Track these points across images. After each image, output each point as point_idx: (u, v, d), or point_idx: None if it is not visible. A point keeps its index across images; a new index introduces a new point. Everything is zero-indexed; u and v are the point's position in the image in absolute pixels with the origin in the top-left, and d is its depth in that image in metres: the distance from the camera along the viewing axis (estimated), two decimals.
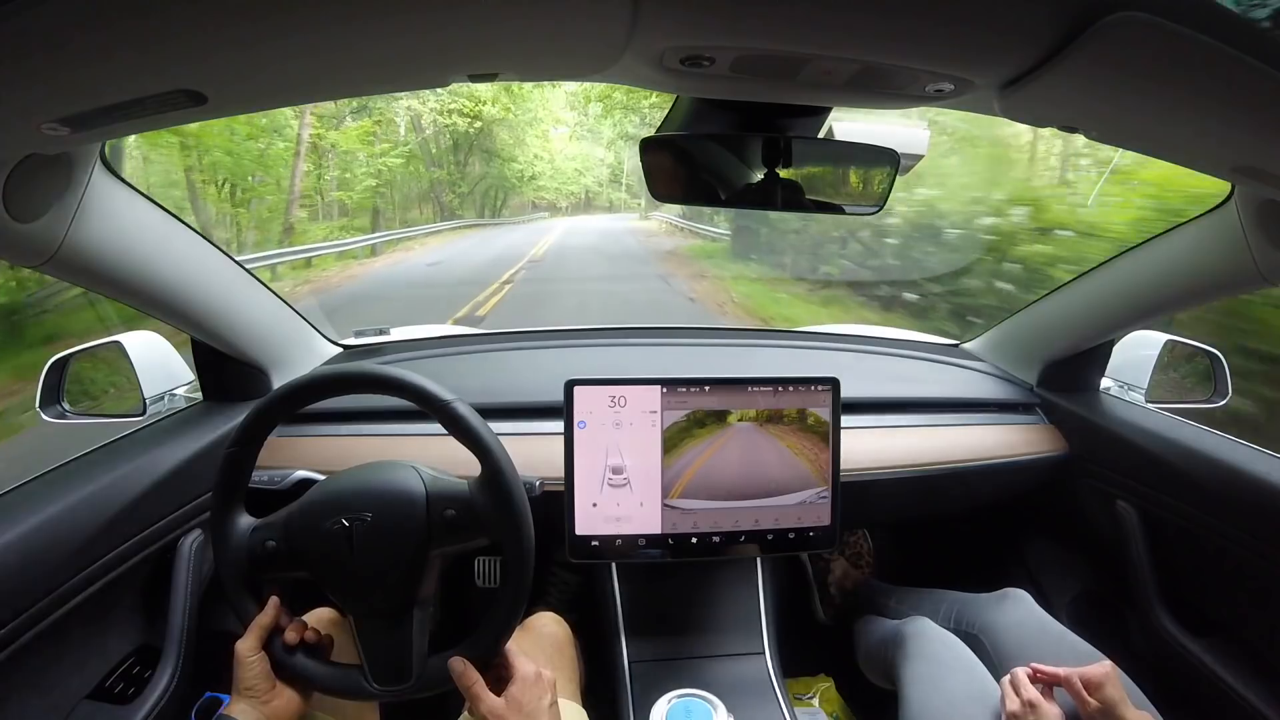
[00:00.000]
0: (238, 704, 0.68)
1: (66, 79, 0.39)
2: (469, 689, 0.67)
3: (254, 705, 0.68)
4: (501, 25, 0.40)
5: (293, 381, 0.72)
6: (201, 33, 0.35)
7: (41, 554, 0.71)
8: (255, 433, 0.72)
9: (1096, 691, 0.77)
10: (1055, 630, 0.94)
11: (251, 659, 0.69)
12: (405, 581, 0.70)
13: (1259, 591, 0.92)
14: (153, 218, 0.78)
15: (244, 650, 0.69)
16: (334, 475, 0.74)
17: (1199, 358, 1.21)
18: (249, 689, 0.69)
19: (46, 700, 0.74)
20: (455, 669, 0.68)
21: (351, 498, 0.69)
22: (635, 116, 16.21)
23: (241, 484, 0.73)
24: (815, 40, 0.44)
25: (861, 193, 0.80)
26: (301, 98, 0.52)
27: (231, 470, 0.72)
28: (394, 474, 0.71)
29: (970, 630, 1.00)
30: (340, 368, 0.75)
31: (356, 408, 1.06)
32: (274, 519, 0.72)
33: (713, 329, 1.58)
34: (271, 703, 0.69)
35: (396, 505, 0.69)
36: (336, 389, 0.72)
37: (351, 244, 11.13)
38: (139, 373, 0.99)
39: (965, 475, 1.14)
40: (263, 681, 0.69)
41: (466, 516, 0.69)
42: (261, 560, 0.71)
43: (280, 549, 0.71)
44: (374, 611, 0.71)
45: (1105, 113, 0.52)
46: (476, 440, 0.69)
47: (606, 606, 1.08)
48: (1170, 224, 0.93)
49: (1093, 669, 0.78)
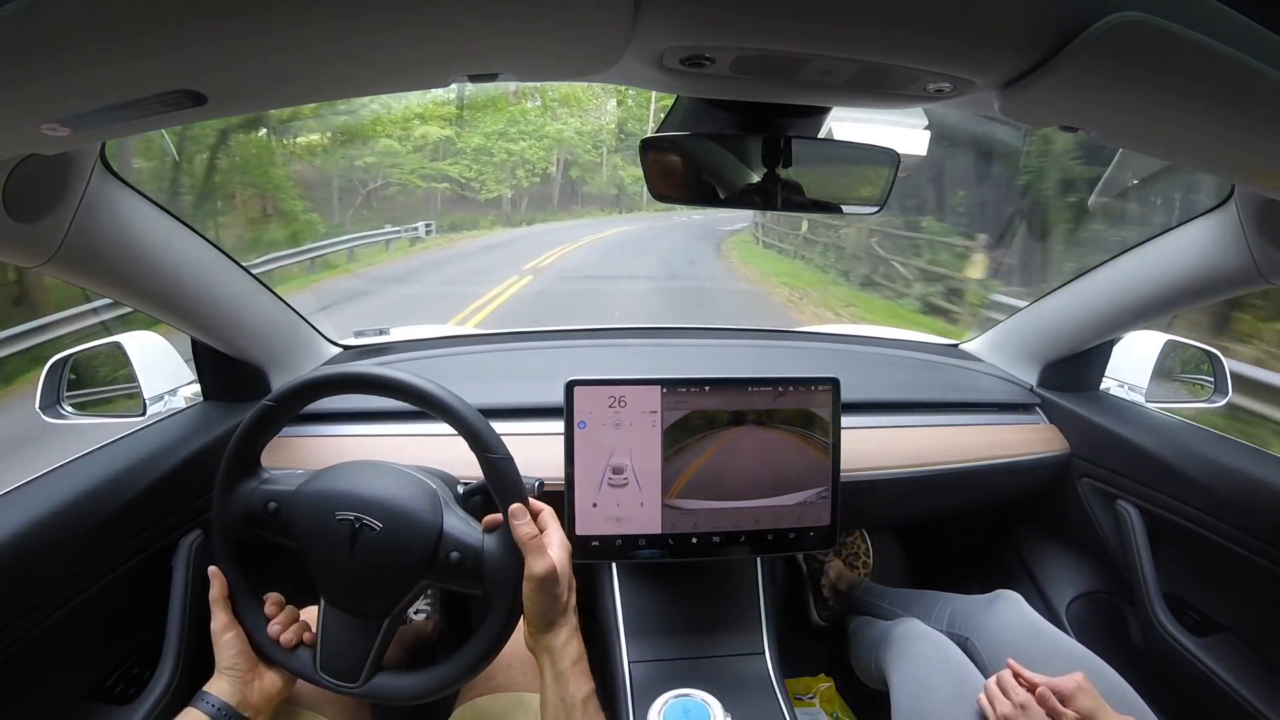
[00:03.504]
0: (218, 682, 0.68)
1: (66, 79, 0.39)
2: (525, 539, 0.64)
3: (234, 684, 0.68)
4: (501, 25, 0.40)
5: (365, 371, 0.71)
6: (201, 33, 0.35)
7: (42, 553, 0.71)
8: (300, 398, 0.71)
9: (1069, 703, 0.75)
10: (1047, 633, 0.93)
11: (226, 636, 0.69)
12: (387, 594, 0.70)
13: (1259, 591, 0.92)
14: (153, 218, 0.78)
15: (216, 629, 0.69)
16: (363, 467, 0.73)
17: (1200, 358, 1.21)
18: (229, 668, 0.69)
19: (46, 700, 0.74)
20: (516, 516, 0.66)
21: (370, 501, 0.69)
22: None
23: (263, 441, 0.73)
24: (815, 40, 0.44)
25: (862, 192, 0.80)
26: (301, 98, 0.52)
27: (261, 423, 0.71)
28: (417, 493, 0.70)
29: (961, 633, 0.99)
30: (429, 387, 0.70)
31: (357, 408, 1.06)
32: (285, 486, 0.72)
33: (713, 329, 1.58)
34: (253, 683, 0.69)
35: (408, 527, 0.68)
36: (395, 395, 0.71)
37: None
38: (139, 373, 0.99)
39: (965, 475, 1.14)
40: (242, 660, 0.69)
41: (469, 565, 0.69)
42: (258, 518, 0.71)
43: (280, 515, 0.71)
44: (346, 606, 0.71)
45: (1105, 113, 0.52)
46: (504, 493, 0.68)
47: (606, 607, 1.08)
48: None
49: (1063, 681, 0.77)
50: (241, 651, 0.70)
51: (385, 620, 0.71)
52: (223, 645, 0.69)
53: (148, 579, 0.87)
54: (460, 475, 0.79)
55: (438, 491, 0.71)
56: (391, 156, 14.37)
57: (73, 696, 0.78)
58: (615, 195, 20.99)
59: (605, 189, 20.89)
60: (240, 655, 0.69)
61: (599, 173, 20.60)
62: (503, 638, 0.69)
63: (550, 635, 0.65)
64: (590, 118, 19.65)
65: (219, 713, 0.66)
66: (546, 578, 0.63)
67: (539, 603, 0.64)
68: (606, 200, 20.99)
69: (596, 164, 20.46)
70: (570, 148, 19.11)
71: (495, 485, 0.68)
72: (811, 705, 1.29)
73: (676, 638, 1.05)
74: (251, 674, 0.70)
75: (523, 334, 1.44)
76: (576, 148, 19.35)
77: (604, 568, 1.11)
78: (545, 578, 0.63)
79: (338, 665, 0.71)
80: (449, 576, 0.69)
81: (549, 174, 19.01)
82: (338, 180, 13.36)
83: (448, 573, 0.69)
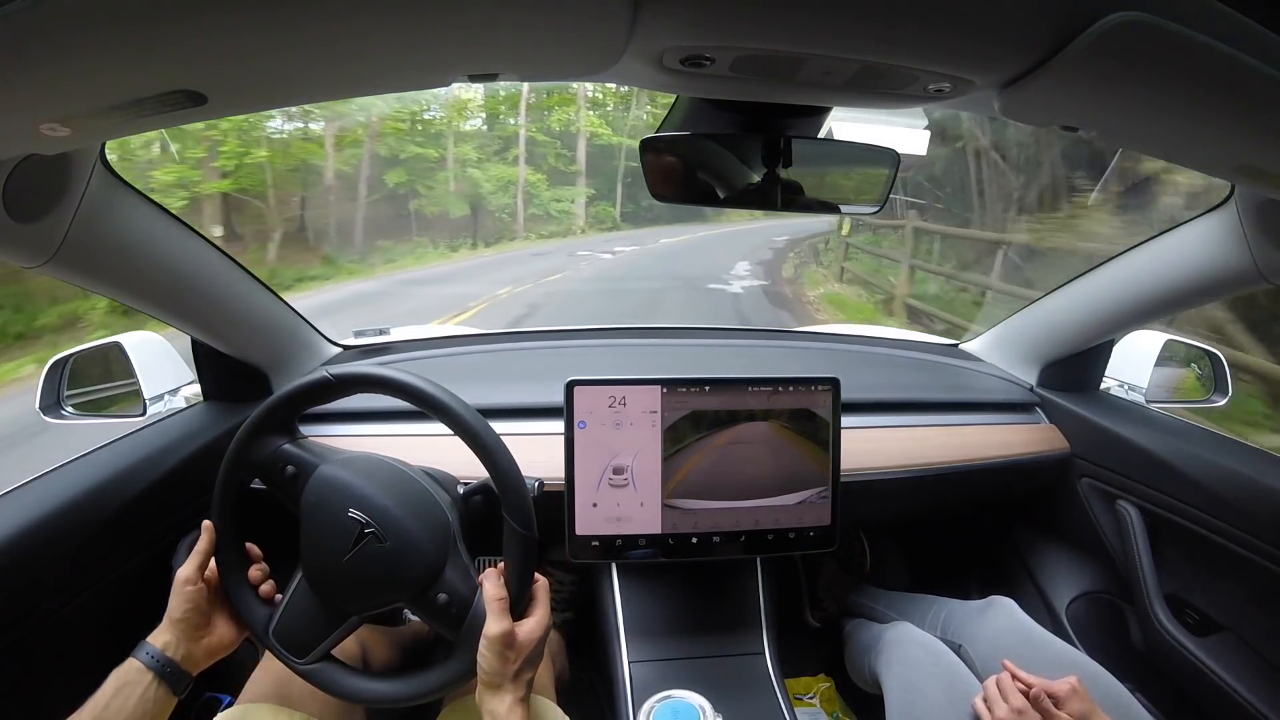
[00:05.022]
0: (164, 633, 0.67)
1: (66, 79, 0.39)
2: (491, 600, 0.66)
3: (181, 637, 0.67)
4: (501, 25, 0.40)
5: (405, 377, 0.70)
6: (201, 33, 0.35)
7: (42, 553, 0.71)
8: (353, 388, 0.71)
9: (1063, 706, 0.76)
10: (1039, 639, 0.93)
11: (189, 589, 0.68)
12: (366, 599, 0.71)
13: (1259, 591, 0.92)
14: (153, 218, 0.78)
15: (182, 577, 0.68)
16: (390, 471, 0.73)
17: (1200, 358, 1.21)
18: (181, 619, 0.67)
19: (47, 700, 0.74)
20: (489, 578, 0.67)
21: (385, 512, 0.69)
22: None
23: (304, 406, 0.73)
24: (815, 40, 0.44)
25: (862, 192, 0.80)
26: (301, 98, 0.52)
27: (312, 392, 0.71)
28: (432, 524, 0.70)
29: (954, 640, 0.99)
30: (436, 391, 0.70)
31: (357, 408, 1.06)
32: (310, 457, 0.72)
33: (713, 329, 1.58)
34: (201, 639, 0.69)
35: (412, 554, 0.69)
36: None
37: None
38: (139, 373, 0.99)
39: (965, 475, 1.14)
40: (196, 615, 0.68)
41: (453, 613, 0.69)
42: (272, 475, 0.72)
43: (295, 482, 0.71)
44: (322, 590, 0.71)
45: (1105, 113, 0.52)
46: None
47: (606, 607, 1.08)
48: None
49: (1057, 684, 0.77)
50: (199, 607, 0.68)
51: (353, 617, 0.72)
52: (184, 595, 0.68)
53: (147, 579, 0.87)
54: (461, 475, 0.79)
55: (451, 527, 0.71)
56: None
57: (73, 696, 0.78)
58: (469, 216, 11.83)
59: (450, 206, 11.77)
60: (196, 610, 0.68)
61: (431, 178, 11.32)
62: (448, 685, 0.70)
63: (495, 699, 0.65)
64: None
65: (160, 665, 0.65)
66: (498, 640, 0.64)
67: (489, 661, 0.65)
68: (454, 226, 12.08)
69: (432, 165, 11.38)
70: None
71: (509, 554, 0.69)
72: (811, 705, 1.28)
73: (676, 638, 1.05)
74: (202, 630, 0.69)
75: (523, 334, 1.44)
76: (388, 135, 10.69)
77: (604, 568, 1.11)
78: (497, 640, 0.64)
79: (290, 637, 0.71)
80: (429, 613, 0.70)
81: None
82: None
83: (430, 611, 0.69)
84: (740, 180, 0.75)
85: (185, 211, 5.36)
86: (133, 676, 0.64)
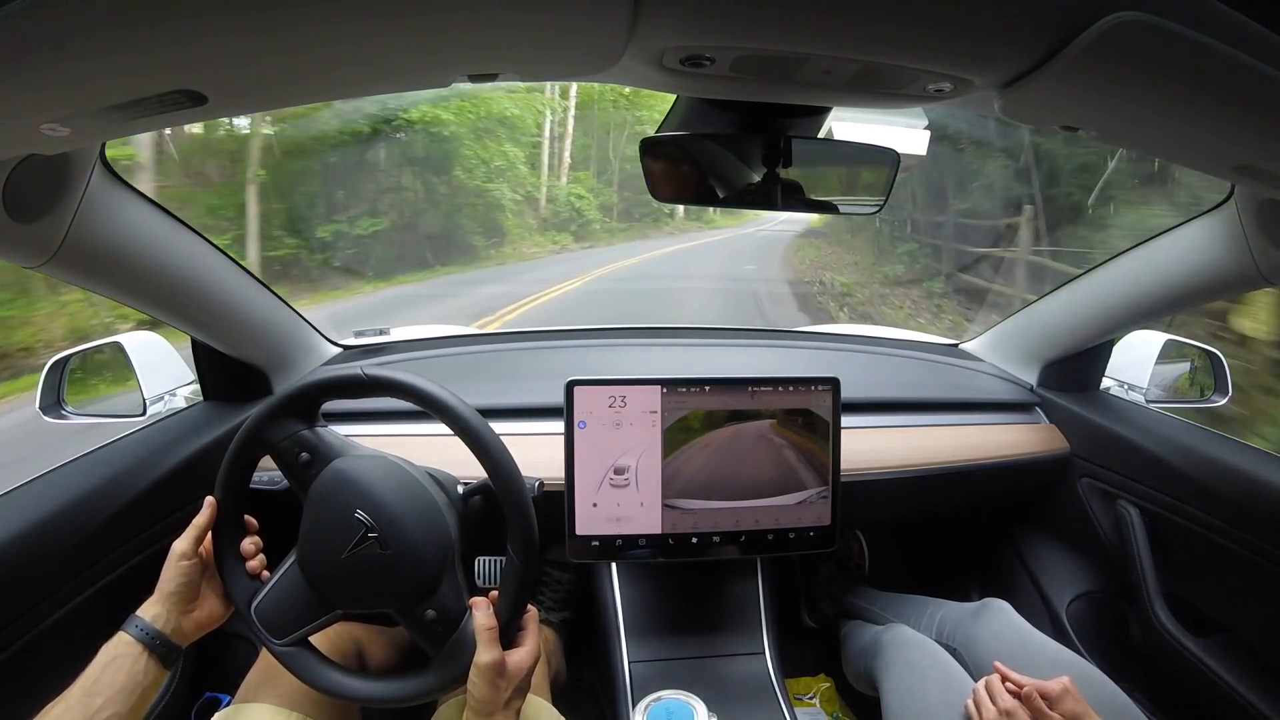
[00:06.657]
0: (154, 606, 0.67)
1: (66, 79, 0.39)
2: (481, 629, 0.66)
3: (172, 611, 0.67)
4: (501, 25, 0.40)
5: (416, 380, 0.70)
6: (201, 33, 0.35)
7: (42, 553, 0.71)
8: (383, 389, 0.70)
9: (1055, 706, 0.76)
10: (1034, 641, 0.93)
11: (184, 563, 0.68)
12: (354, 598, 0.71)
13: (1259, 591, 0.92)
14: (153, 218, 0.78)
15: (178, 551, 0.68)
16: (404, 476, 0.72)
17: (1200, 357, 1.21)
18: (173, 592, 0.67)
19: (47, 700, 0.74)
20: (479, 607, 0.68)
21: (392, 520, 0.69)
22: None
23: (329, 397, 0.73)
24: (815, 40, 0.44)
25: (862, 193, 0.80)
26: (301, 98, 0.52)
27: (346, 385, 0.70)
28: (436, 541, 0.70)
29: (949, 643, 0.99)
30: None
31: (357, 408, 1.06)
32: (326, 448, 0.72)
33: (713, 329, 1.58)
34: (191, 613, 0.69)
35: (412, 567, 0.69)
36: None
37: None
38: (139, 373, 0.99)
39: (965, 475, 1.14)
40: (188, 589, 0.68)
41: (439, 631, 0.69)
42: (285, 457, 0.71)
43: (305, 469, 0.71)
44: (312, 578, 0.71)
45: (1105, 113, 0.52)
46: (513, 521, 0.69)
47: (606, 607, 1.08)
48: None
49: (1050, 684, 0.77)
50: (191, 581, 0.68)
51: (337, 611, 0.72)
52: (178, 569, 0.68)
53: (148, 579, 0.87)
54: (461, 475, 0.79)
55: (453, 545, 0.71)
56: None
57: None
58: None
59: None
60: (189, 584, 0.68)
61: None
62: (417, 698, 0.71)
63: None
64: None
65: (149, 637, 0.65)
66: (489, 669, 0.65)
67: (479, 689, 0.65)
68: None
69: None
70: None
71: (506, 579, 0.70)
72: (812, 705, 1.29)
73: (676, 637, 1.05)
74: (193, 604, 0.69)
75: (523, 334, 1.44)
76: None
77: (603, 567, 1.11)
78: (488, 669, 0.65)
79: (271, 616, 0.71)
80: (414, 626, 0.70)
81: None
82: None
83: (416, 624, 0.70)
84: (740, 180, 0.75)
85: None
86: (122, 649, 0.64)
